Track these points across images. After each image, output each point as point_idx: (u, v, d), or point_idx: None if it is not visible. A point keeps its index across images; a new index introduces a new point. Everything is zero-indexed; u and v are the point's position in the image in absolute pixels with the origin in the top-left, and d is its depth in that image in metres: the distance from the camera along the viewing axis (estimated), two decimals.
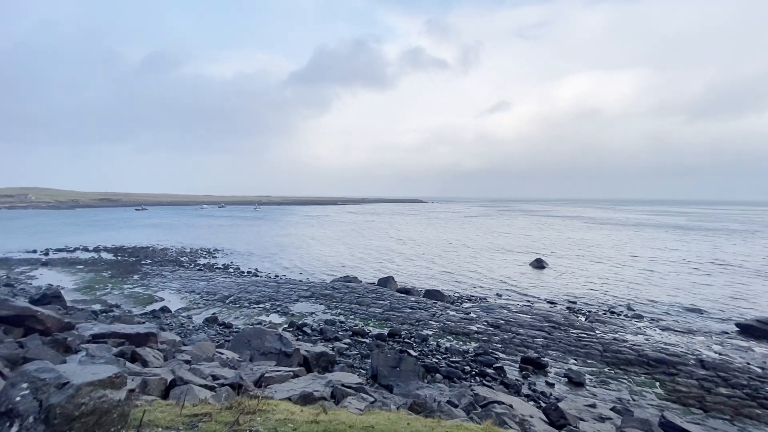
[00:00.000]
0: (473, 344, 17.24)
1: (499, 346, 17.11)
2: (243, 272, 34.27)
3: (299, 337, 17.14)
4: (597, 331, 18.81)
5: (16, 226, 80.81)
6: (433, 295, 25.14)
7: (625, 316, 22.22)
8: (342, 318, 20.84)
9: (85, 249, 46.22)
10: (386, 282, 27.90)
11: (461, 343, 17.44)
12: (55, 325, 8.36)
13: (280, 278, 31.36)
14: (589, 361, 15.62)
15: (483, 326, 19.37)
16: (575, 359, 15.83)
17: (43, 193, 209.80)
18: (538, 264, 37.45)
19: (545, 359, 15.50)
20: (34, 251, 43.69)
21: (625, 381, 14.06)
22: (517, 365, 15.10)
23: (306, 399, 5.30)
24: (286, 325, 19.35)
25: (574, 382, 13.71)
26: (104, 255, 42.20)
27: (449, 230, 77.35)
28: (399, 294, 25.38)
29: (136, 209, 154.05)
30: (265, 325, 19.25)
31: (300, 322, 19.54)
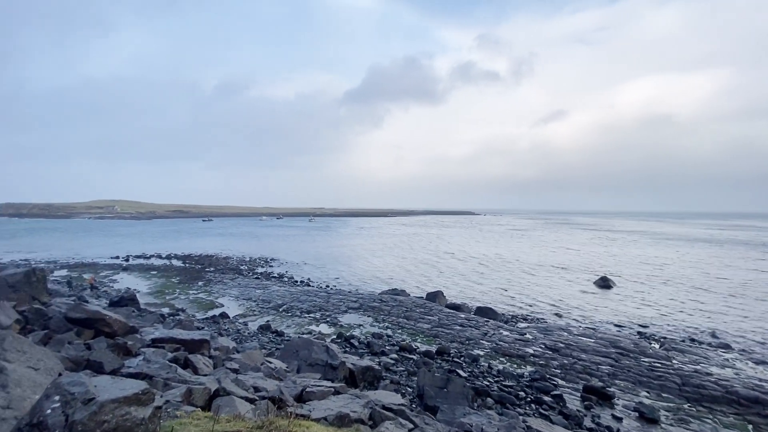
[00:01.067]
0: (529, 368, 16.03)
1: (558, 371, 15.73)
2: (296, 281, 35.30)
3: (346, 349, 17.06)
4: (674, 361, 16.66)
5: (104, 234, 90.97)
6: (484, 312, 23.97)
7: (709, 345, 19.53)
8: (389, 332, 20.49)
9: (159, 256, 50.50)
10: (435, 297, 27.16)
11: (515, 366, 16.29)
12: (121, 329, 9.03)
13: (331, 288, 31.81)
14: (664, 395, 13.81)
15: (540, 349, 18.00)
16: (647, 392, 14.08)
17: (126, 205, 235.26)
18: (604, 283, 34.47)
19: (611, 389, 13.94)
20: (117, 257, 48.62)
21: (709, 421, 12.19)
22: (579, 394, 13.72)
23: (342, 420, 5.08)
24: (334, 336, 19.40)
25: (647, 419, 12.13)
26: (175, 262, 45.77)
27: (502, 244, 74.29)
28: (448, 310, 24.53)
29: (203, 220, 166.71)
30: (314, 335, 19.49)
31: (348, 334, 19.50)
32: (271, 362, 11.59)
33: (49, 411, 2.42)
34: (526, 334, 20.23)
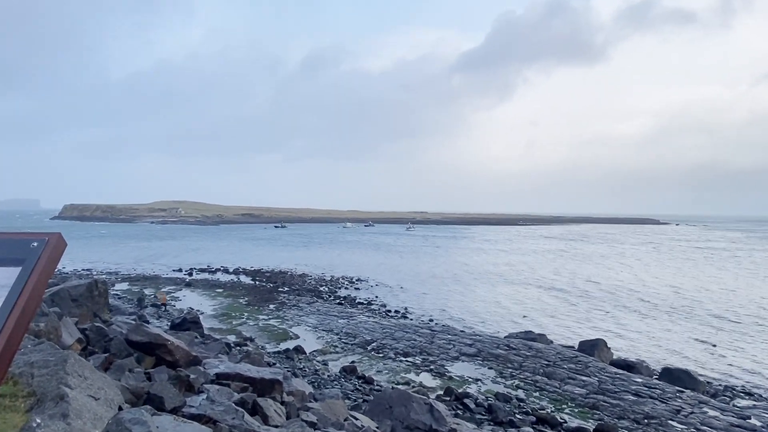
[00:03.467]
0: None
1: None
2: (389, 311, 36.38)
3: (458, 411, 17.02)
4: None
5: (167, 241, 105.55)
6: (676, 377, 21.67)
7: None
8: (521, 393, 19.93)
9: (226, 270, 56.85)
10: (593, 348, 25.39)
11: None
12: (183, 358, 10.33)
13: (436, 325, 31.97)
14: None
15: None
16: None
17: (192, 207, 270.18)
18: None
19: None
20: (180, 270, 56.13)
21: None
22: None
23: None
24: (440, 392, 19.52)
25: None
26: (243, 278, 51.02)
27: (704, 272, 65.92)
28: (614, 369, 22.76)
29: (276, 226, 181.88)
30: (413, 387, 19.80)
31: (460, 391, 19.43)
32: (357, 418, 12.06)
33: None
34: (750, 417, 17.83)
